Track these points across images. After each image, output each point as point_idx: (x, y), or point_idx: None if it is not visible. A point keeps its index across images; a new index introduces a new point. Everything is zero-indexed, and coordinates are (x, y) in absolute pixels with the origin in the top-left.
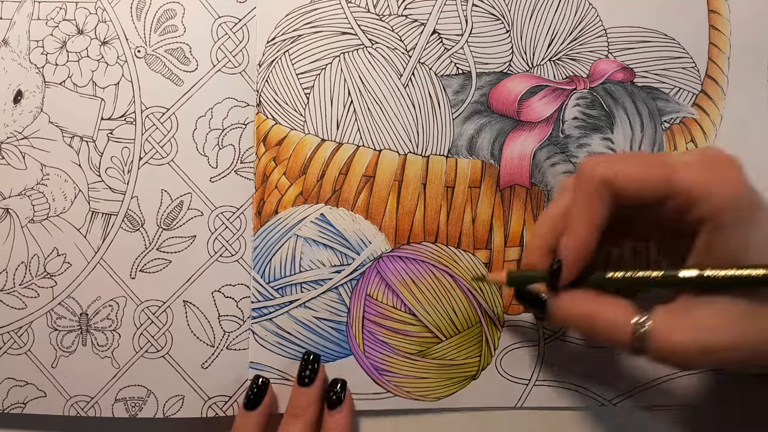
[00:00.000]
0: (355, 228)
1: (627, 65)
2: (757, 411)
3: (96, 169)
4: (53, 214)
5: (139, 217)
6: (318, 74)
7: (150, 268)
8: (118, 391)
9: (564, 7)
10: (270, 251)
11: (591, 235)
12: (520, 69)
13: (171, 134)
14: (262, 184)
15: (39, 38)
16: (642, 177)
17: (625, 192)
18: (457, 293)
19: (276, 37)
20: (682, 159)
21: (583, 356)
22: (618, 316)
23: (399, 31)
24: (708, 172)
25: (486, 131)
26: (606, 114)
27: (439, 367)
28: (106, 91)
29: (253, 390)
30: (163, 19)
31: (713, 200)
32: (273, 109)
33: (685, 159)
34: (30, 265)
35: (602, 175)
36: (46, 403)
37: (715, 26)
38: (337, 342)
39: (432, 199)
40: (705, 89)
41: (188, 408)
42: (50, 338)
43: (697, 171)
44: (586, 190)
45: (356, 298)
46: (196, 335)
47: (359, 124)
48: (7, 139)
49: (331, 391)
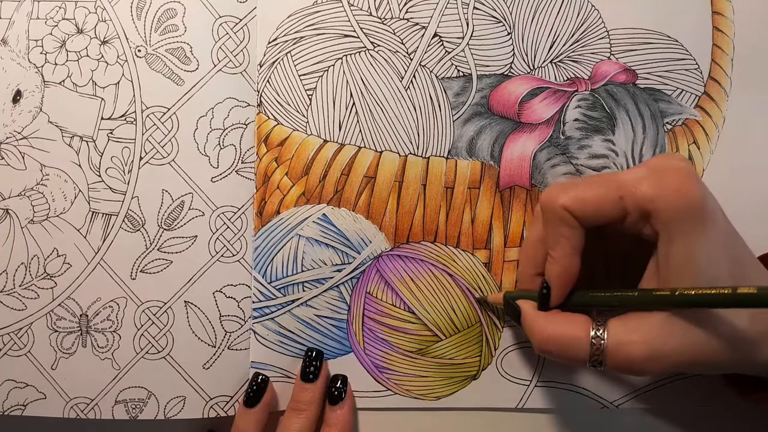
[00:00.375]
0: (356, 228)
1: (629, 67)
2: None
3: (96, 169)
4: (53, 215)
5: (139, 217)
6: (320, 76)
7: (151, 269)
8: (118, 393)
9: (566, 9)
10: (271, 251)
11: (571, 261)
12: (521, 71)
13: (172, 134)
14: (264, 184)
15: (38, 37)
16: (597, 200)
17: (585, 216)
18: (456, 292)
19: (278, 38)
20: (633, 175)
21: None
22: (577, 331)
23: (400, 34)
24: (655, 186)
25: (486, 133)
26: (607, 116)
27: (439, 366)
28: (106, 90)
29: (252, 387)
30: (164, 19)
31: (661, 214)
32: (274, 109)
33: (635, 175)
34: (30, 266)
35: (562, 204)
36: (46, 405)
37: (718, 28)
38: (338, 339)
39: (432, 199)
40: (708, 91)
41: (189, 409)
42: (50, 339)
43: (645, 186)
44: (553, 221)
45: (356, 296)
46: (197, 336)
47: (361, 125)
48: (6, 139)
49: (333, 386)
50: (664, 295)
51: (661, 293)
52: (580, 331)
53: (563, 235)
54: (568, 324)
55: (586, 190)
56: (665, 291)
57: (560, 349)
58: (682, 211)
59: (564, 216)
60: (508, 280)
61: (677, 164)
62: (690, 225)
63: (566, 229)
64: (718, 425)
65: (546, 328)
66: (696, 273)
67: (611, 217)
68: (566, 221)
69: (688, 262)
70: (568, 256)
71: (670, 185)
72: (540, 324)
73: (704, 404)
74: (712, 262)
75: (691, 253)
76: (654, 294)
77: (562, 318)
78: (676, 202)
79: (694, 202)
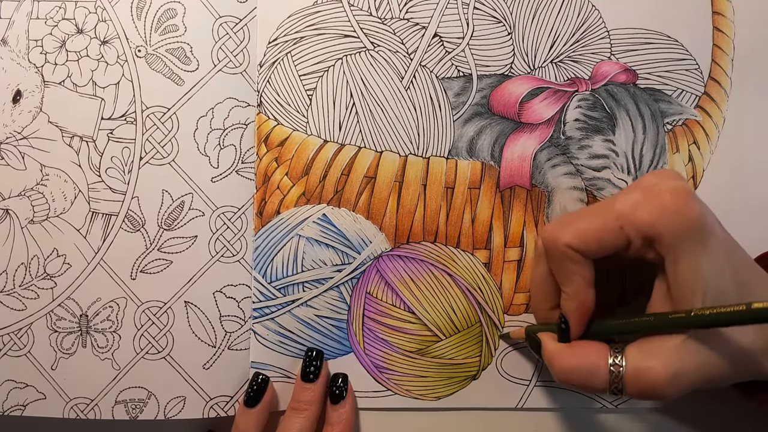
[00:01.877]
0: (356, 228)
1: (630, 67)
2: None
3: (96, 169)
4: (53, 215)
5: (139, 217)
6: (321, 76)
7: (151, 269)
8: (118, 393)
9: (566, 10)
10: (271, 251)
11: (586, 295)
12: (522, 71)
13: (172, 134)
14: (264, 185)
15: (38, 37)
16: (598, 234)
17: (589, 251)
18: (456, 292)
19: (278, 38)
20: (629, 201)
21: None
22: (595, 360)
23: (401, 34)
24: (653, 211)
25: (486, 133)
26: (608, 116)
27: (439, 366)
28: (106, 90)
29: (252, 387)
30: (164, 19)
31: (664, 238)
32: (274, 109)
33: (630, 201)
34: (30, 266)
35: (565, 243)
36: (46, 406)
37: (718, 28)
38: (338, 339)
39: (432, 199)
40: (708, 91)
41: (190, 409)
42: (50, 340)
43: (643, 212)
44: (559, 259)
45: (356, 296)
46: (197, 336)
47: (361, 125)
48: (6, 140)
49: (334, 385)
50: (680, 318)
51: (676, 316)
52: (599, 360)
53: (573, 272)
54: (586, 354)
55: (586, 224)
56: (680, 313)
57: (580, 379)
58: (684, 232)
59: (569, 254)
60: (508, 280)
61: (672, 184)
62: (693, 244)
63: (574, 266)
64: (720, 425)
65: (564, 359)
66: (705, 289)
67: (615, 247)
68: (572, 258)
69: (696, 280)
70: (581, 291)
71: (668, 207)
72: (559, 356)
73: (706, 404)
74: (717, 275)
75: (699, 271)
76: (670, 317)
77: (580, 348)
78: (676, 225)
79: (694, 220)
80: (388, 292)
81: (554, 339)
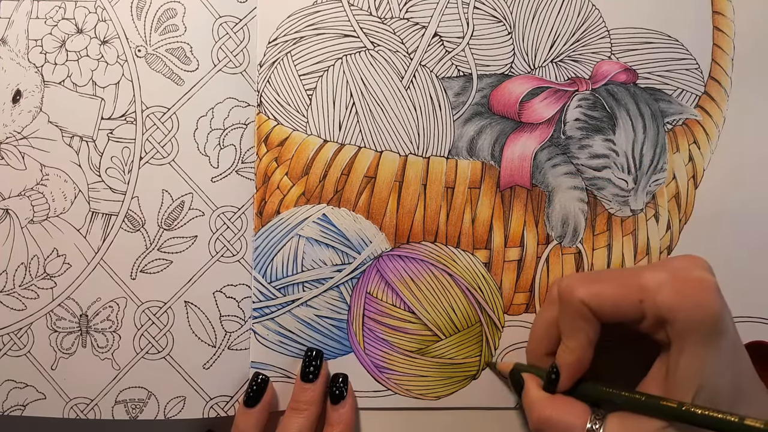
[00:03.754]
0: (356, 228)
1: (630, 66)
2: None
3: (96, 169)
4: (53, 215)
5: (139, 217)
6: (320, 76)
7: (151, 269)
8: (118, 393)
9: (567, 9)
10: (271, 251)
11: (585, 353)
12: (522, 71)
13: (172, 134)
14: (264, 184)
15: (38, 37)
16: (617, 300)
17: (603, 314)
18: (456, 292)
19: (278, 38)
20: (655, 279)
21: None
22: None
23: (401, 34)
24: (677, 296)
25: (486, 133)
26: (608, 115)
27: (439, 366)
28: (106, 90)
29: (252, 387)
30: (164, 19)
31: (678, 325)
32: (274, 109)
33: (657, 279)
34: (30, 266)
35: (581, 299)
36: (46, 406)
37: (719, 28)
38: (338, 339)
39: (432, 199)
40: (708, 91)
41: (189, 409)
42: (50, 340)
43: (666, 294)
44: (570, 312)
45: (357, 296)
46: (197, 336)
47: (361, 125)
48: (6, 139)
49: (334, 385)
50: (670, 407)
51: (668, 404)
52: (578, 420)
53: (580, 328)
54: (566, 410)
55: (607, 288)
56: (672, 403)
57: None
58: (700, 325)
59: (582, 310)
60: (508, 280)
61: (700, 275)
62: (703, 338)
63: (583, 323)
64: None
65: (545, 409)
66: (701, 384)
67: (629, 318)
68: (584, 315)
69: (696, 375)
70: (582, 348)
71: (692, 297)
72: (540, 404)
73: None
74: (718, 376)
75: (701, 367)
76: (661, 403)
77: (562, 403)
78: (695, 316)
79: (712, 317)
80: (388, 292)
81: (538, 385)
